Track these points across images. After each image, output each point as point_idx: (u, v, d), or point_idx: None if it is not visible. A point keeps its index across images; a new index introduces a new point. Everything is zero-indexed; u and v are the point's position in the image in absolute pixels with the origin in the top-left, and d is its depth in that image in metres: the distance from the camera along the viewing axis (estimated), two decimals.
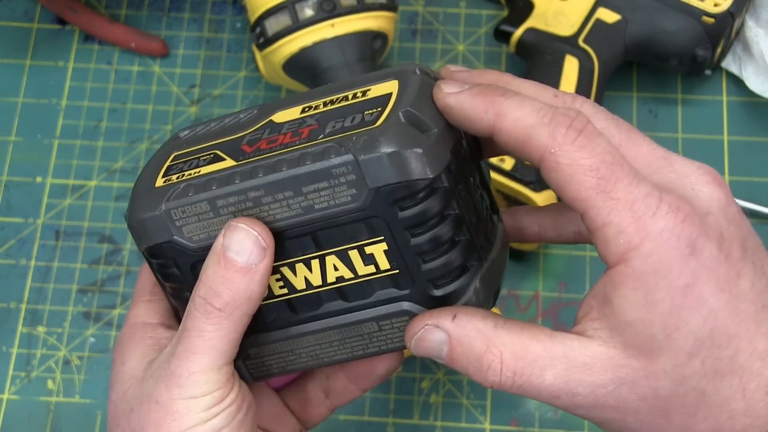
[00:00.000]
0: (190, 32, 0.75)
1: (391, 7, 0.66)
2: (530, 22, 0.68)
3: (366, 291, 0.43)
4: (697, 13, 0.66)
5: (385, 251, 0.42)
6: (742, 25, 0.69)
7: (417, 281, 0.42)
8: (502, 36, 0.68)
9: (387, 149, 0.39)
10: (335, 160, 0.40)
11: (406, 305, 0.43)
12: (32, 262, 0.69)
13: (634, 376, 0.39)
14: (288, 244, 0.43)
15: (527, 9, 0.68)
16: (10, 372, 0.66)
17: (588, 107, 0.42)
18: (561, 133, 0.38)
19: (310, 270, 0.43)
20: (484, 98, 0.40)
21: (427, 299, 0.42)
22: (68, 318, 0.67)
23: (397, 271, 0.42)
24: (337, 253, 0.42)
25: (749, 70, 0.69)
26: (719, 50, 0.68)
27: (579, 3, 0.67)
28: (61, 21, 0.75)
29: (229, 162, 0.43)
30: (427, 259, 0.41)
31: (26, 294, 0.68)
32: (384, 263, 0.42)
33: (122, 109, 0.73)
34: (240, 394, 0.44)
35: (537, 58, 0.67)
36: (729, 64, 0.70)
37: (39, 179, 0.71)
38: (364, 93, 0.44)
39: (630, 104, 0.71)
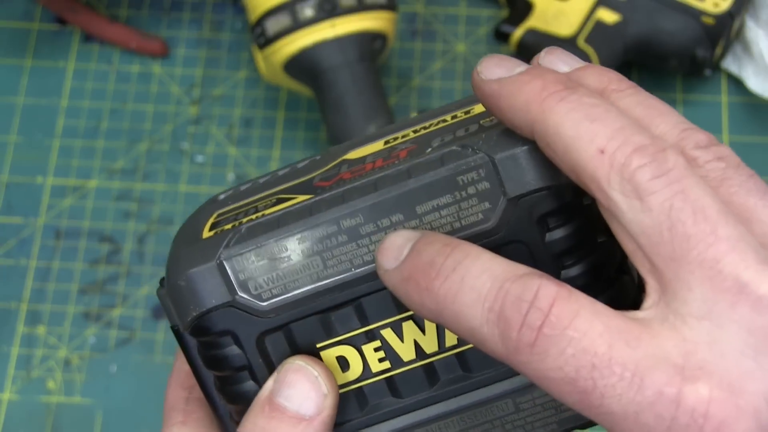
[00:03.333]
0: (190, 32, 0.75)
1: (391, 7, 0.66)
2: (530, 23, 0.68)
3: None
4: (696, 13, 0.66)
5: None
6: (742, 25, 0.69)
7: None
8: (502, 36, 0.68)
9: (529, 144, 0.30)
10: (462, 164, 0.30)
11: None
12: (32, 262, 0.69)
13: None
14: (392, 294, 0.31)
15: (527, 9, 0.68)
16: (10, 372, 0.66)
17: (645, 174, 0.27)
18: (512, 338, 0.27)
19: (423, 330, 0.32)
20: (416, 285, 0.29)
21: None
22: (68, 318, 0.67)
23: None
24: None
25: (749, 71, 0.69)
26: (719, 50, 0.68)
27: (579, 3, 0.67)
28: (61, 21, 0.75)
29: (303, 197, 0.33)
30: None
31: (26, 294, 0.68)
32: None
33: (122, 109, 0.73)
34: None
35: None
36: (729, 64, 0.70)
37: (39, 179, 0.71)
38: (467, 112, 0.34)
39: None
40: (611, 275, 0.31)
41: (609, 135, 0.28)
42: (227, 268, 0.32)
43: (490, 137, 0.31)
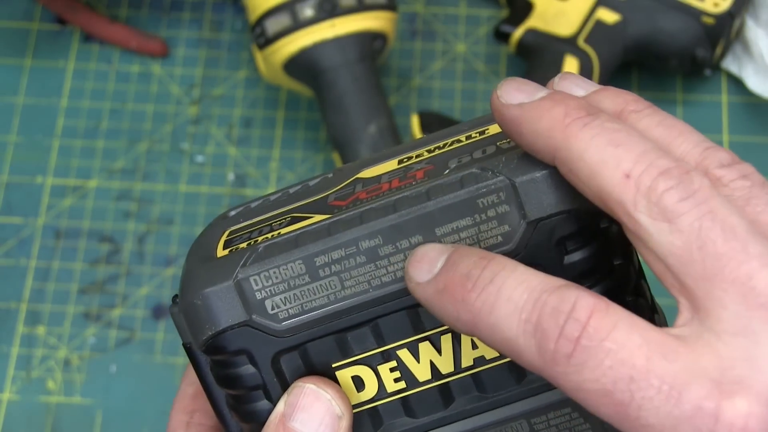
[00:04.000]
0: (190, 32, 0.75)
1: (391, 7, 0.66)
2: (530, 23, 0.68)
3: (512, 376, 0.32)
4: (696, 13, 0.66)
5: None
6: (742, 25, 0.69)
7: None
8: (502, 36, 0.68)
9: (549, 168, 0.30)
10: (482, 187, 0.31)
11: None
12: (32, 262, 0.69)
13: None
14: (408, 315, 0.32)
15: (527, 9, 0.68)
16: (10, 372, 0.66)
17: (672, 199, 0.28)
18: (549, 350, 0.27)
19: (439, 351, 0.32)
20: (451, 296, 0.29)
21: None
22: (68, 318, 0.67)
23: None
24: None
25: (749, 70, 0.69)
26: (719, 50, 0.68)
27: (579, 3, 0.67)
28: (61, 21, 0.75)
29: (320, 217, 0.33)
30: None
31: (26, 294, 0.68)
32: None
33: (122, 109, 0.73)
34: None
35: (537, 59, 0.67)
36: (729, 64, 0.70)
37: (39, 179, 0.71)
38: (482, 132, 0.34)
39: None
40: (627, 297, 0.31)
41: (634, 159, 0.28)
42: (244, 287, 0.32)
43: (510, 160, 0.31)
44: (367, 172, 0.35)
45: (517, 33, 0.68)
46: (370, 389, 0.33)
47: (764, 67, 0.68)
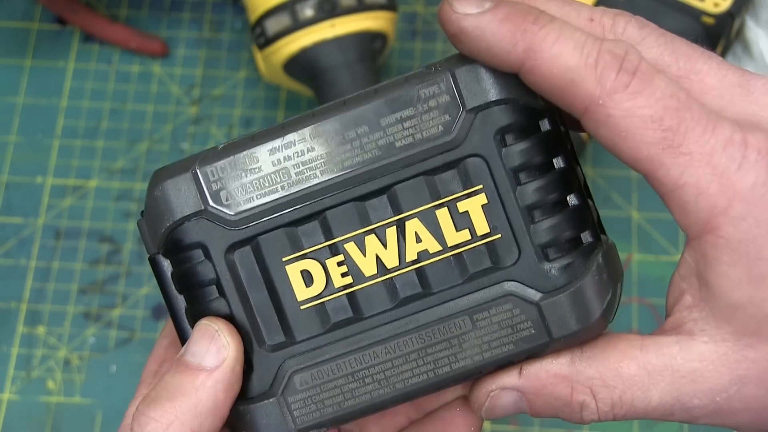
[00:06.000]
0: (190, 32, 0.75)
1: (391, 7, 0.66)
2: None
3: (455, 271, 0.34)
4: (696, 13, 0.66)
5: (483, 206, 0.33)
6: (742, 25, 0.69)
7: (523, 250, 0.33)
8: None
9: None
10: (424, 79, 0.32)
11: (510, 286, 0.33)
12: (32, 262, 0.69)
13: (758, 369, 0.32)
14: (356, 208, 0.34)
15: None
16: (10, 372, 0.66)
17: (633, 29, 0.33)
18: (611, 79, 0.31)
19: (384, 244, 0.34)
20: (512, 25, 0.32)
21: (536, 276, 0.33)
22: (68, 318, 0.67)
23: (499, 235, 0.33)
24: (421, 216, 0.33)
25: (749, 70, 0.69)
26: (719, 50, 0.68)
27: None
28: (61, 21, 0.75)
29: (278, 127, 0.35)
30: (537, 218, 0.33)
31: (26, 294, 0.68)
32: (482, 225, 0.33)
33: (122, 109, 0.73)
34: None
35: None
36: None
37: (39, 179, 0.71)
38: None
39: None
40: (570, 198, 0.33)
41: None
42: (201, 178, 0.34)
43: (451, 58, 0.33)
44: None
45: None
46: (319, 284, 0.34)
47: (764, 67, 0.68)
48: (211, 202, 0.34)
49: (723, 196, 0.31)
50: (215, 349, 0.34)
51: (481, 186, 0.33)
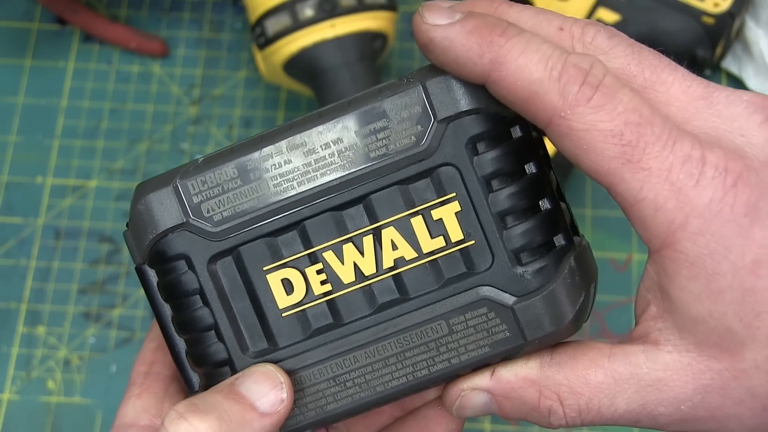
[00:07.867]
0: (190, 32, 0.75)
1: (391, 7, 0.66)
2: None
3: (431, 277, 0.35)
4: (696, 13, 0.66)
5: (457, 214, 0.34)
6: (742, 25, 0.69)
7: (497, 255, 0.34)
8: None
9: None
10: (396, 91, 0.33)
11: (485, 291, 0.34)
12: (32, 262, 0.69)
13: (721, 379, 0.32)
14: (333, 217, 0.35)
15: None
16: (10, 372, 0.66)
17: (602, 39, 0.34)
18: (573, 92, 0.32)
19: (362, 252, 0.35)
20: (479, 37, 0.32)
21: (510, 281, 0.34)
22: (68, 318, 0.67)
23: (473, 242, 0.34)
24: (396, 224, 0.34)
25: (749, 70, 0.69)
26: (719, 50, 0.68)
27: (579, 3, 0.67)
28: (61, 21, 0.75)
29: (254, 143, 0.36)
30: (510, 224, 0.34)
31: (26, 294, 0.68)
32: (456, 232, 0.34)
33: (122, 109, 0.73)
34: None
35: None
36: (729, 64, 0.70)
37: (39, 179, 0.71)
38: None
39: None
40: (543, 203, 0.34)
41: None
42: (182, 192, 0.35)
43: (422, 70, 0.34)
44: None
45: None
46: (299, 291, 0.35)
47: (764, 67, 0.68)
48: (192, 215, 0.35)
49: (680, 211, 0.31)
50: (274, 397, 0.35)
51: (454, 194, 0.34)
